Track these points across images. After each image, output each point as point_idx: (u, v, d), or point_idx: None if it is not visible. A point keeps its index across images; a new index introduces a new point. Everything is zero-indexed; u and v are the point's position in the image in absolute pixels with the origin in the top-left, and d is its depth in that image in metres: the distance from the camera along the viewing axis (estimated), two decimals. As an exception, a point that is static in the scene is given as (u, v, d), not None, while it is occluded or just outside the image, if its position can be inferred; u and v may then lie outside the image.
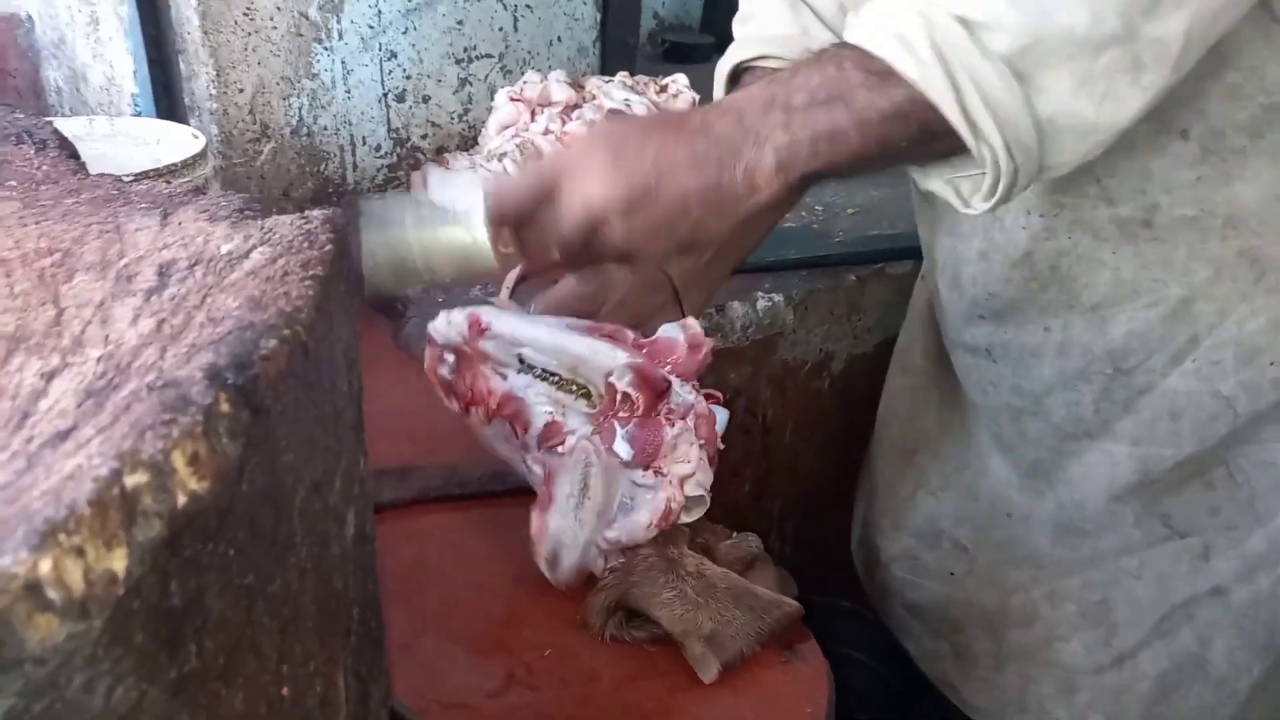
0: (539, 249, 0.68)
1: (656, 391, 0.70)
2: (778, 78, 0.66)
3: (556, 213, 0.65)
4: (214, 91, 1.29)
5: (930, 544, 1.06)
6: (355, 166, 1.44)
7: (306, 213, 0.49)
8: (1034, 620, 0.98)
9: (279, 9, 1.31)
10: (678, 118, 0.67)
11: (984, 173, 0.64)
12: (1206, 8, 0.62)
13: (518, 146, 1.42)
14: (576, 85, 1.49)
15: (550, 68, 1.56)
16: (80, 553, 0.29)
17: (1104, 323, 0.87)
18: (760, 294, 1.15)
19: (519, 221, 0.67)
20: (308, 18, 1.34)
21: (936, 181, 0.70)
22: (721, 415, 0.76)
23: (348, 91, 1.40)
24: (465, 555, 0.84)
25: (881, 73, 0.63)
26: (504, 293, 1.14)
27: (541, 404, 0.75)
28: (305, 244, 0.46)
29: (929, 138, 0.64)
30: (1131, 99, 0.63)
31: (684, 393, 0.72)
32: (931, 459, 1.07)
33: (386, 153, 1.47)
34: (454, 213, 0.68)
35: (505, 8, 1.54)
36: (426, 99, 1.49)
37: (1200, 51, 0.64)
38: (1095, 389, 0.90)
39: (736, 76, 0.95)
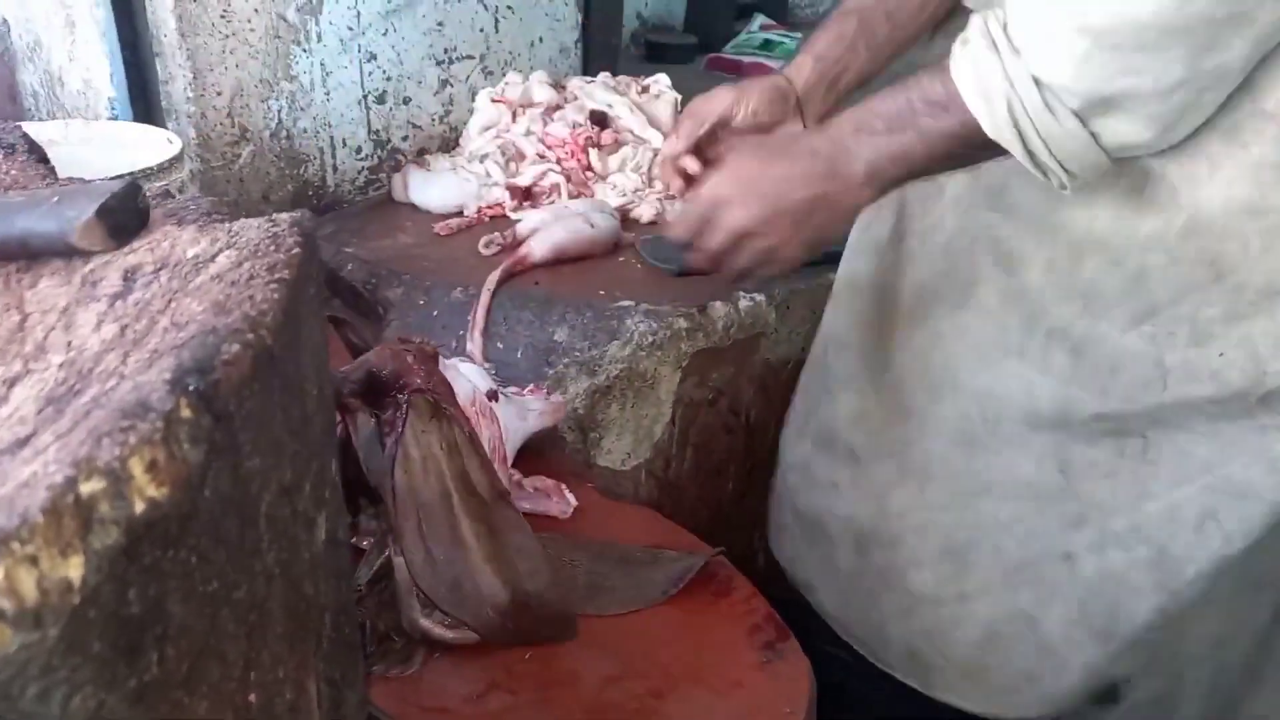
0: (705, 261, 0.92)
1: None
2: (862, 107, 0.84)
3: (713, 236, 0.89)
4: (191, 94, 1.28)
5: (825, 449, 1.06)
6: (335, 169, 1.43)
7: (274, 216, 0.49)
8: (899, 544, 1.00)
9: (257, 11, 1.30)
10: (791, 144, 0.88)
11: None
12: (1265, 28, 0.69)
13: (499, 148, 1.42)
14: (558, 86, 1.48)
15: (532, 69, 1.55)
16: (34, 561, 0.28)
17: (1080, 258, 0.86)
18: (742, 293, 1.15)
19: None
20: (286, 20, 1.33)
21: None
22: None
23: (327, 94, 1.39)
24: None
25: (940, 103, 0.79)
26: (485, 294, 1.14)
27: None
28: (272, 247, 0.46)
29: (985, 149, 0.79)
30: (1194, 119, 0.74)
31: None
32: (839, 355, 1.07)
33: (367, 155, 1.46)
34: None
35: (486, 9, 1.54)
36: (407, 100, 1.48)
37: (1256, 60, 0.72)
38: (1058, 320, 0.89)
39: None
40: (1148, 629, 0.88)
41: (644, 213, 1.34)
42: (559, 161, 1.38)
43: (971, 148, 0.79)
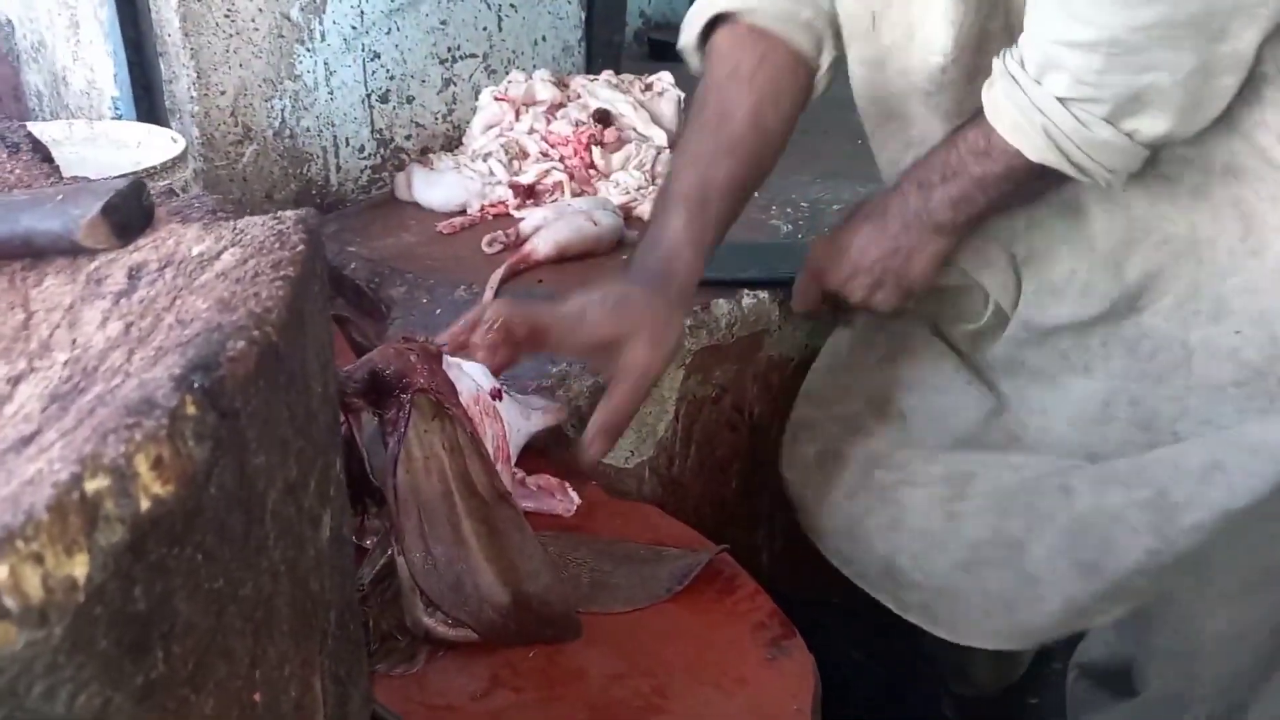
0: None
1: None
2: (917, 166, 0.92)
3: (826, 287, 1.01)
4: (195, 94, 1.28)
5: (877, 411, 1.06)
6: (339, 168, 1.44)
7: (279, 214, 0.49)
8: (904, 468, 1.00)
9: (260, 10, 1.30)
10: (873, 210, 0.96)
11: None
12: (1270, 13, 0.73)
13: (503, 146, 1.41)
14: (561, 84, 1.48)
15: (535, 67, 1.55)
16: (39, 559, 0.28)
17: (1120, 266, 0.90)
18: (745, 290, 1.15)
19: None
20: (289, 19, 1.33)
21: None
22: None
23: (330, 93, 1.39)
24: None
25: (983, 150, 0.85)
26: (488, 292, 1.14)
27: None
28: (277, 245, 0.46)
29: (1040, 179, 0.84)
30: (1219, 99, 0.78)
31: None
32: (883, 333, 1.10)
33: (370, 154, 1.46)
34: None
35: (489, 7, 1.54)
36: (410, 99, 1.48)
37: (1261, 38, 0.76)
38: (1107, 325, 0.92)
39: (712, 26, 0.99)
40: (1135, 573, 0.86)
41: (647, 210, 1.33)
42: (562, 160, 1.38)
43: (1026, 181, 0.85)
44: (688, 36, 1.00)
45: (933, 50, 0.88)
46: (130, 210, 0.49)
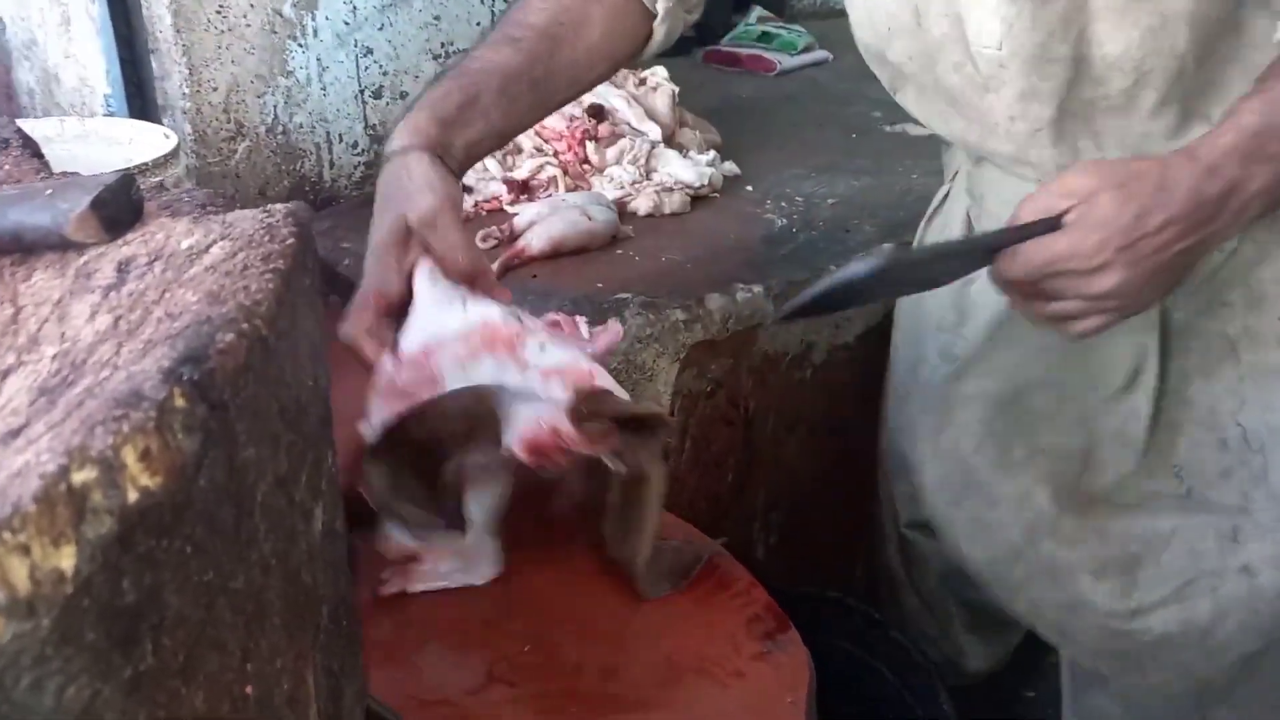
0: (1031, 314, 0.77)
1: None
2: (1246, 126, 0.71)
3: (1063, 301, 0.73)
4: (187, 90, 1.28)
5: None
6: (332, 164, 1.43)
7: (268, 207, 0.49)
8: (1075, 545, 0.94)
9: (252, 6, 1.30)
10: (1169, 180, 0.71)
11: None
12: None
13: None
14: (554, 79, 1.48)
15: (528, 62, 1.55)
16: (26, 551, 0.28)
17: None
18: (739, 285, 1.15)
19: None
20: (281, 15, 1.33)
21: None
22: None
23: (323, 89, 1.39)
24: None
25: None
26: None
27: None
28: (266, 238, 0.46)
29: None
30: None
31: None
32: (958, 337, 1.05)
33: (363, 150, 1.46)
34: None
35: (482, 2, 1.53)
36: (404, 95, 1.48)
37: None
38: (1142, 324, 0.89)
39: None
40: None
41: (641, 205, 1.33)
42: (556, 154, 1.38)
43: None
44: None
45: (984, 43, 0.81)
46: (119, 205, 0.49)
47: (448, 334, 0.75)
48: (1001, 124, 0.86)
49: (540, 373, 0.74)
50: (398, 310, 0.79)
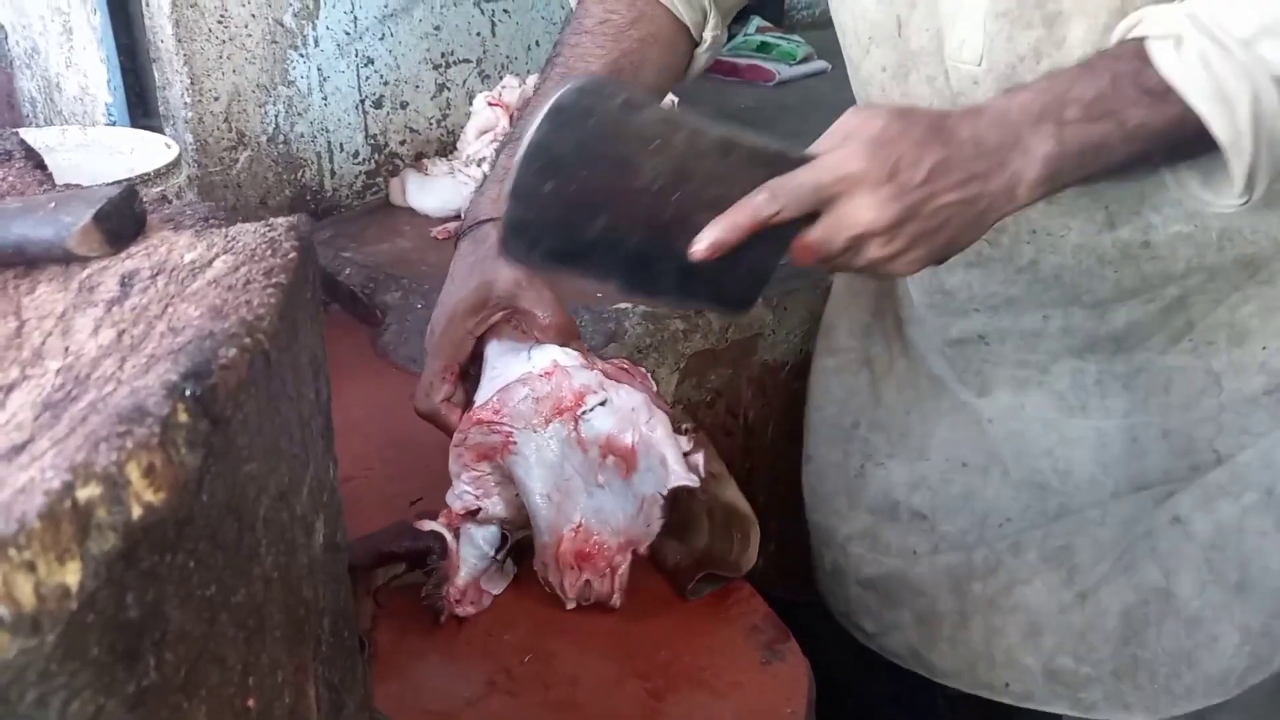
0: (809, 254, 0.67)
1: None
2: (1049, 87, 0.67)
3: (830, 227, 0.65)
4: (189, 100, 1.28)
5: (889, 517, 1.05)
6: (333, 173, 1.44)
7: (270, 221, 0.49)
8: (996, 569, 0.98)
9: (253, 16, 1.30)
10: (950, 125, 0.66)
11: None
12: None
13: (496, 151, 1.42)
14: (554, 89, 1.49)
15: (529, 72, 1.55)
16: (31, 567, 0.28)
17: (1104, 314, 0.89)
18: (740, 295, 1.15)
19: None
20: (283, 25, 1.33)
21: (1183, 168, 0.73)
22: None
23: (324, 98, 1.39)
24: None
25: (1158, 92, 0.64)
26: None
27: None
28: (269, 252, 0.46)
29: (1187, 153, 0.68)
30: None
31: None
32: (874, 431, 1.07)
33: (364, 159, 1.46)
34: None
35: (483, 13, 1.54)
36: (404, 105, 1.49)
37: None
38: (1100, 360, 0.91)
39: None
40: None
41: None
42: (556, 164, 1.38)
43: (1174, 147, 0.68)
44: None
45: (963, 58, 0.80)
46: (122, 218, 0.49)
47: (513, 378, 0.77)
48: None
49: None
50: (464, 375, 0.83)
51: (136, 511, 0.31)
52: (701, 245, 0.64)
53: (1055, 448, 0.95)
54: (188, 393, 0.35)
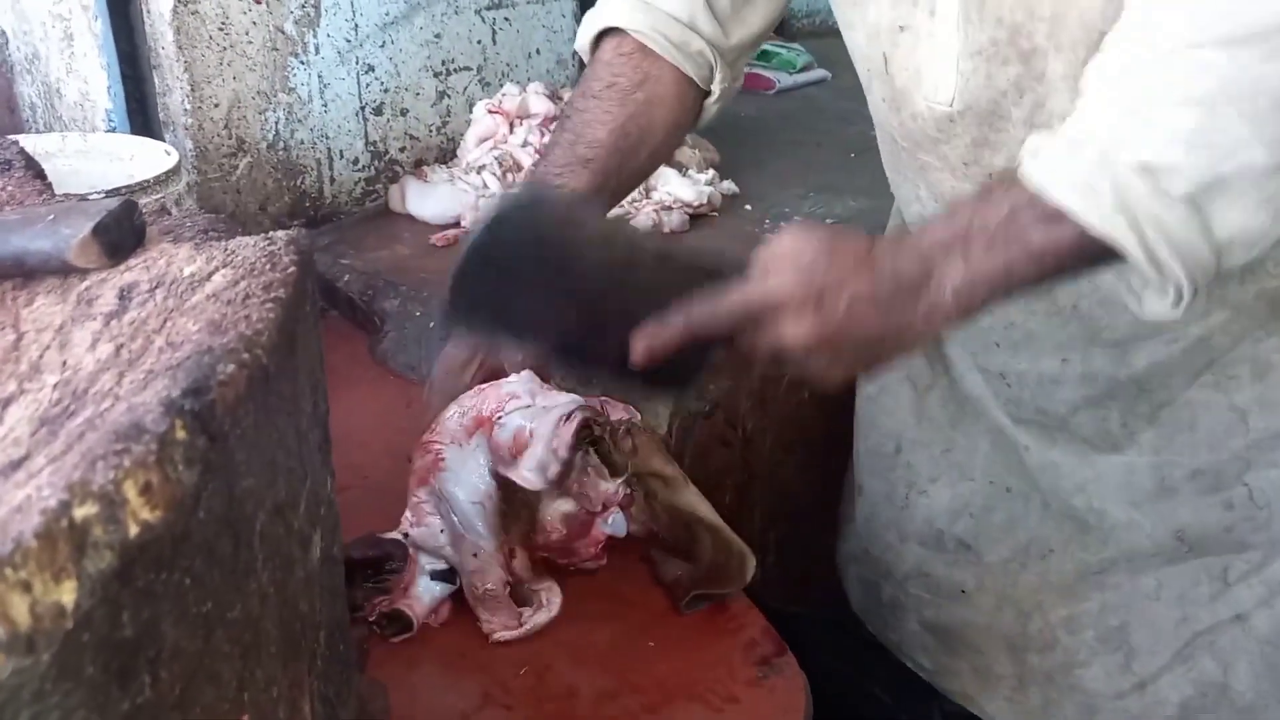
0: (740, 357, 0.74)
1: None
2: (953, 220, 0.70)
3: (758, 341, 0.70)
4: (189, 106, 1.28)
5: (935, 548, 1.06)
6: (333, 180, 1.44)
7: (270, 234, 0.49)
8: (1053, 645, 0.99)
9: (254, 24, 1.30)
10: (869, 258, 0.69)
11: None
12: None
13: (496, 159, 1.42)
14: (555, 97, 1.49)
15: (529, 80, 1.56)
16: (27, 587, 0.28)
17: (1125, 354, 0.89)
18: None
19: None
20: (283, 32, 1.33)
21: (1108, 276, 0.72)
22: None
23: (324, 105, 1.39)
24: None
25: (1054, 215, 0.66)
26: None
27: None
28: (268, 266, 0.46)
29: (1102, 263, 0.68)
30: None
31: None
32: (915, 451, 1.07)
33: (364, 166, 1.46)
34: None
35: (483, 20, 1.54)
36: (404, 112, 1.49)
37: None
38: (1121, 405, 0.91)
39: (600, 37, 0.96)
40: None
41: (640, 223, 1.34)
42: (556, 173, 1.38)
43: (1083, 263, 0.69)
44: (582, 40, 0.98)
45: (937, 99, 0.81)
46: (122, 230, 0.49)
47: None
48: (959, 169, 0.86)
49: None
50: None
51: (133, 530, 0.31)
52: (638, 351, 0.69)
53: (1088, 484, 0.95)
54: (186, 409, 0.35)
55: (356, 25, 1.39)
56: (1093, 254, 0.67)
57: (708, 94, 0.97)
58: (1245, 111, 0.62)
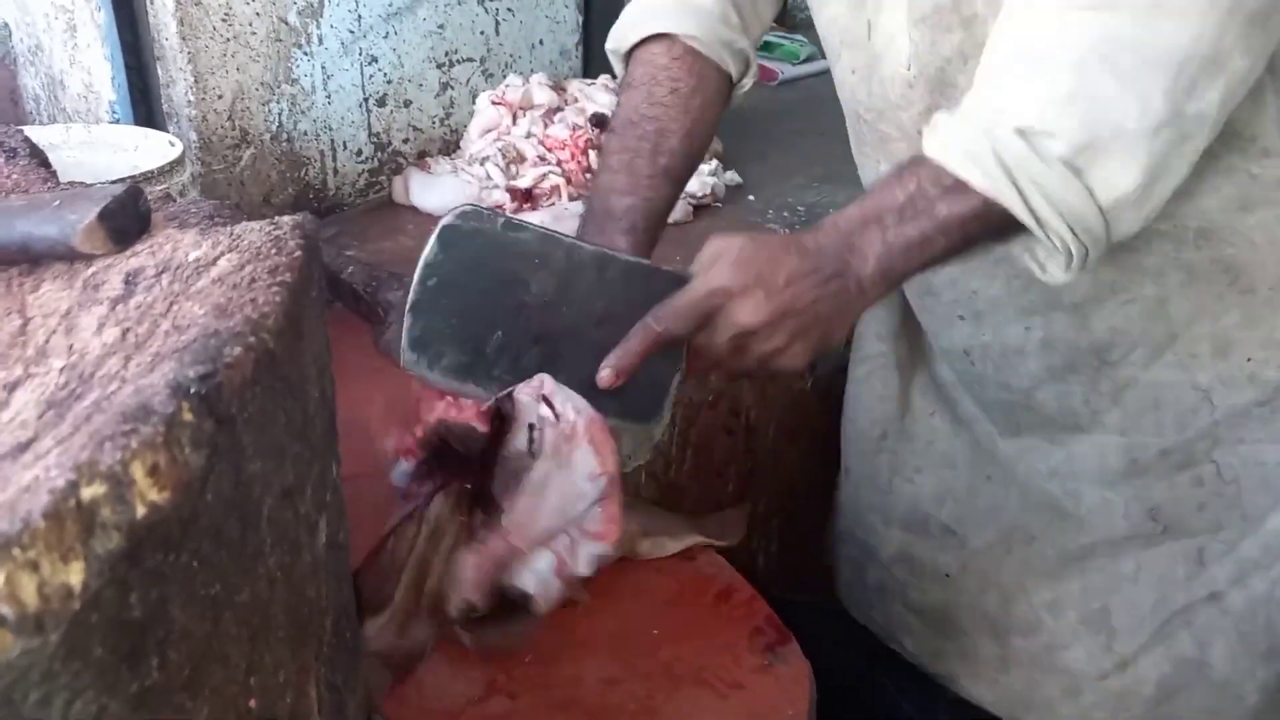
0: (704, 363, 0.78)
1: None
2: (867, 199, 0.76)
3: (716, 335, 0.75)
4: (192, 98, 1.28)
5: (920, 533, 1.08)
6: (336, 172, 1.43)
7: (275, 219, 0.49)
8: (1037, 628, 1.01)
9: (258, 14, 1.30)
10: (792, 241, 0.76)
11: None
12: (1235, 76, 0.68)
13: (500, 150, 1.42)
14: (558, 88, 1.48)
15: (532, 71, 1.55)
16: (35, 567, 0.28)
17: (1085, 319, 0.90)
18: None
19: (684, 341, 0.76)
20: (287, 23, 1.33)
21: (1016, 247, 0.76)
22: None
23: (328, 96, 1.39)
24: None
25: (954, 185, 0.71)
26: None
27: None
28: (274, 250, 0.46)
29: (1005, 231, 0.73)
30: (1180, 166, 0.70)
31: None
32: (901, 440, 1.09)
33: (368, 158, 1.46)
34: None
35: (487, 11, 1.54)
36: (408, 103, 1.48)
37: (1230, 109, 0.70)
38: (1084, 380, 0.93)
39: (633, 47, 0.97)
40: None
41: (644, 215, 1.33)
42: (559, 163, 1.38)
43: (991, 228, 0.73)
44: (619, 43, 0.98)
45: (899, 61, 0.84)
46: (127, 216, 0.49)
47: None
48: (914, 138, 0.85)
49: None
50: None
51: (141, 511, 0.31)
52: (605, 375, 0.74)
53: (1060, 466, 0.97)
54: (193, 392, 0.35)
55: (360, 16, 1.39)
56: (997, 222, 0.71)
57: (734, 86, 0.99)
58: (1116, 73, 0.66)
